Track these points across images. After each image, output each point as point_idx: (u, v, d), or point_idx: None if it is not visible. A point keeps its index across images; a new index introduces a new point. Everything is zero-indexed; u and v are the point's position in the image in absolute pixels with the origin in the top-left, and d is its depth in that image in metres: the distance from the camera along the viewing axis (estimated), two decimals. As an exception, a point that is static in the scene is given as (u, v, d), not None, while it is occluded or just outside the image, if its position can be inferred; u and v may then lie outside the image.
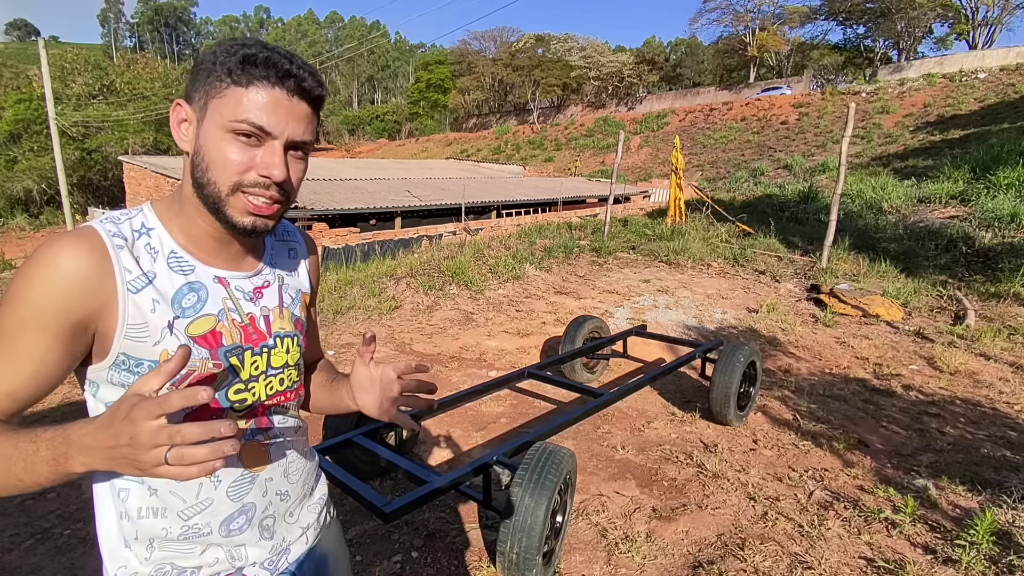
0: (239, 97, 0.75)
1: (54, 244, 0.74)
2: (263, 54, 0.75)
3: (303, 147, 0.81)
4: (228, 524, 0.85)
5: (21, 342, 0.72)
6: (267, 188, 0.78)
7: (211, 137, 0.76)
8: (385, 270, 7.08)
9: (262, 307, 0.89)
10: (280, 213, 0.83)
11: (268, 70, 0.75)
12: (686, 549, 2.41)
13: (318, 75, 0.80)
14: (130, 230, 0.79)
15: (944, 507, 2.73)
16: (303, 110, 0.78)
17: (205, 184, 0.77)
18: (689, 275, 7.98)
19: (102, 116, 27.25)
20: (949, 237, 8.42)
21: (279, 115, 0.76)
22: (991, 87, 26.66)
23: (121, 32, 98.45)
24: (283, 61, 0.76)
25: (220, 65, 0.76)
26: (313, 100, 0.80)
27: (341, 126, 61.38)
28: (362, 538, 2.44)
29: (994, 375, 4.55)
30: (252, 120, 0.75)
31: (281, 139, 0.77)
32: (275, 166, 0.76)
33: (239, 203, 0.78)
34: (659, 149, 32.81)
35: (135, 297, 0.76)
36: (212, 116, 0.76)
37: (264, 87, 0.75)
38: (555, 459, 2.10)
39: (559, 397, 4.03)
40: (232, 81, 0.75)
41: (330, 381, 1.07)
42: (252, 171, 0.77)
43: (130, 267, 0.76)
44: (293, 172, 0.81)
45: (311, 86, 0.78)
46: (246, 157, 0.76)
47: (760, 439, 3.45)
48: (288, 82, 0.76)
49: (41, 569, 2.24)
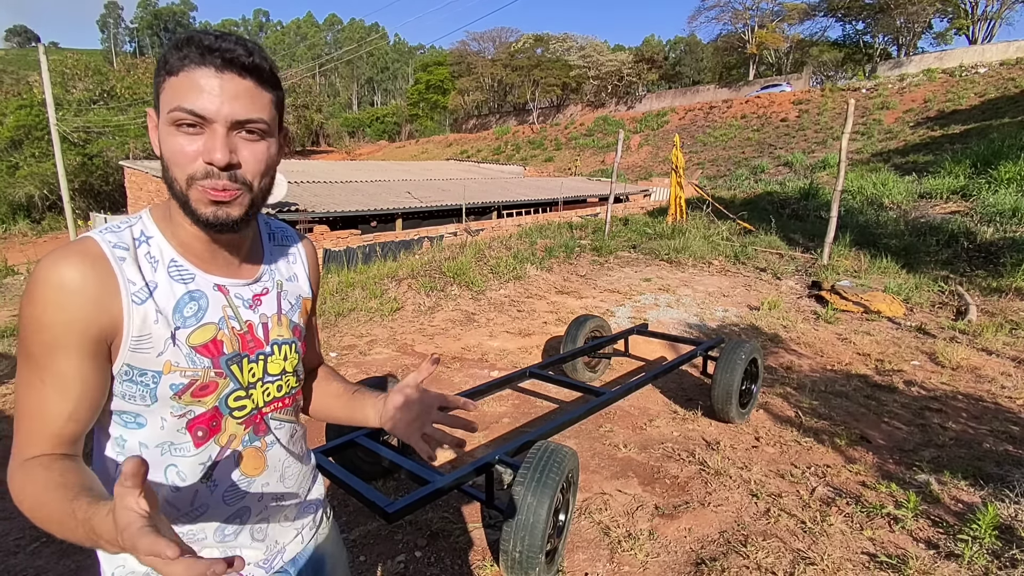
0: (172, 86, 0.72)
1: (56, 261, 0.72)
2: (186, 36, 0.72)
3: (254, 125, 0.74)
4: (223, 529, 0.86)
5: (57, 367, 0.72)
6: (217, 177, 0.73)
7: (163, 135, 0.74)
8: (386, 272, 7.09)
9: (261, 314, 0.88)
10: (246, 204, 0.77)
11: (190, 49, 0.71)
12: (689, 546, 2.42)
13: (251, 45, 0.74)
14: (131, 238, 0.78)
15: (946, 502, 2.73)
16: (240, 85, 0.72)
17: (171, 183, 0.75)
18: (690, 273, 7.98)
19: (103, 121, 27.32)
20: (950, 232, 8.40)
21: (210, 94, 0.71)
22: (991, 82, 26.60)
23: (121, 37, 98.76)
24: (205, 38, 0.71)
25: (160, 61, 0.74)
26: (249, 71, 0.73)
27: (341, 128, 61.43)
28: (366, 538, 2.45)
29: (996, 370, 4.55)
30: (183, 105, 0.71)
31: (219, 120, 0.71)
32: (215, 149, 0.71)
33: (197, 195, 0.74)
34: (659, 148, 32.79)
35: (139, 308, 0.75)
36: (161, 113, 0.74)
37: (190, 69, 0.71)
38: (557, 458, 2.11)
39: (561, 396, 4.03)
40: (167, 72, 0.72)
41: (350, 393, 1.05)
42: (199, 160, 0.72)
43: (133, 278, 0.75)
44: (247, 155, 0.75)
45: (237, 55, 0.71)
46: (193, 147, 0.72)
47: (762, 436, 3.45)
48: (211, 57, 0.70)
49: (46, 572, 2.25)
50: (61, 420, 0.73)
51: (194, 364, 0.79)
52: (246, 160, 0.75)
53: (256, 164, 0.76)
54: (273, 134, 0.79)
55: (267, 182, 0.79)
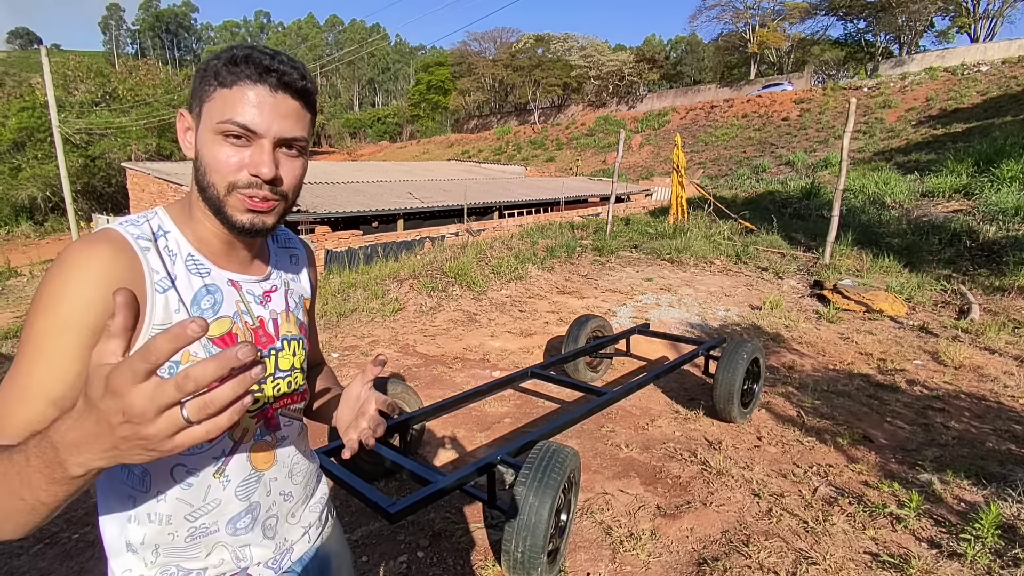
0: (224, 98, 0.75)
1: (83, 246, 0.73)
2: (243, 53, 0.75)
3: (296, 143, 0.80)
4: (235, 523, 0.86)
5: (62, 345, 0.70)
6: (259, 187, 0.78)
7: (205, 141, 0.77)
8: (388, 272, 7.10)
9: (271, 310, 0.91)
10: (280, 213, 0.82)
11: (248, 67, 0.75)
12: (691, 546, 2.42)
13: (302, 68, 0.79)
14: (150, 231, 0.80)
15: (949, 501, 2.73)
16: (290, 105, 0.77)
17: (206, 187, 0.79)
18: (692, 273, 7.97)
19: (105, 123, 27.40)
20: (953, 231, 8.39)
21: (263, 112, 0.75)
22: (993, 80, 26.55)
23: (123, 39, 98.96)
24: (263, 57, 0.75)
25: (209, 70, 0.77)
26: (299, 94, 0.78)
27: (342, 129, 61.58)
28: (368, 539, 2.45)
29: (999, 369, 4.54)
30: (236, 119, 0.75)
31: (268, 136, 0.76)
32: (263, 164, 0.76)
33: (236, 202, 0.78)
34: (660, 147, 32.78)
35: (160, 297, 0.77)
36: (204, 120, 0.77)
37: (246, 85, 0.75)
38: (559, 458, 2.11)
39: (563, 396, 4.03)
40: (218, 83, 0.76)
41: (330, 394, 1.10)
42: (244, 171, 0.76)
43: (156, 267, 0.77)
44: (287, 170, 0.80)
45: (293, 79, 0.77)
46: (237, 158, 0.76)
47: (764, 436, 3.45)
48: (269, 77, 0.75)
49: (49, 573, 2.25)
50: (42, 403, 0.68)
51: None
52: (286, 174, 0.80)
53: (294, 179, 0.82)
54: (307, 152, 0.84)
55: (296, 194, 0.85)
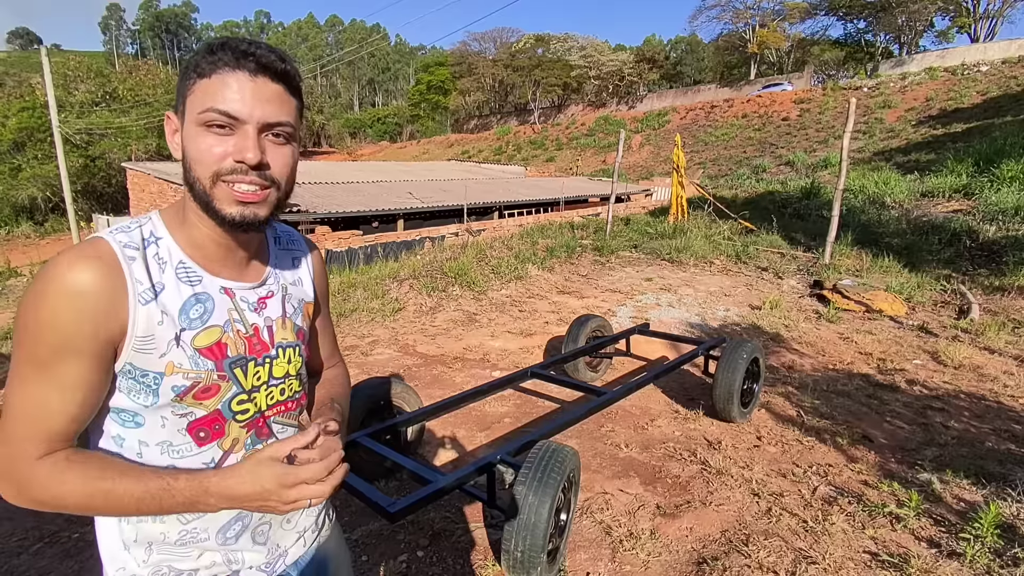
0: (204, 88, 0.74)
1: (70, 264, 0.72)
2: (220, 42, 0.75)
3: (281, 129, 0.78)
4: (224, 532, 0.86)
5: (63, 370, 0.72)
6: (245, 174, 0.75)
7: (189, 135, 0.76)
8: (388, 272, 7.10)
9: (266, 318, 0.89)
10: (272, 203, 0.80)
11: (225, 54, 0.74)
12: (690, 546, 2.42)
13: (281, 52, 0.77)
14: (140, 239, 0.79)
15: (948, 501, 2.73)
16: (271, 89, 0.76)
17: (193, 183, 0.77)
18: (691, 273, 7.97)
19: (105, 123, 27.40)
20: (952, 231, 8.39)
21: (244, 97, 0.74)
22: (993, 80, 26.55)
23: (123, 39, 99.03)
24: (240, 43, 0.74)
25: (189, 65, 0.76)
26: (281, 77, 0.76)
27: (342, 129, 61.54)
28: (368, 538, 2.45)
29: (999, 369, 4.54)
30: (216, 107, 0.73)
31: (251, 122, 0.74)
32: (247, 149, 0.74)
33: (222, 193, 0.76)
34: (660, 147, 32.79)
35: (143, 309, 0.76)
36: (188, 115, 0.76)
37: (225, 72, 0.74)
38: (558, 458, 2.11)
39: (562, 396, 4.03)
40: (197, 75, 0.75)
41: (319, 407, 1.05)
42: (228, 158, 0.75)
43: (141, 278, 0.76)
44: (275, 157, 0.78)
45: (272, 61, 0.75)
46: (221, 147, 0.74)
47: (764, 435, 3.45)
48: (247, 62, 0.74)
49: (49, 572, 2.25)
50: (65, 420, 0.74)
51: (197, 366, 0.79)
52: (274, 160, 0.78)
53: (283, 166, 0.79)
54: (296, 139, 0.82)
55: (289, 185, 0.82)
